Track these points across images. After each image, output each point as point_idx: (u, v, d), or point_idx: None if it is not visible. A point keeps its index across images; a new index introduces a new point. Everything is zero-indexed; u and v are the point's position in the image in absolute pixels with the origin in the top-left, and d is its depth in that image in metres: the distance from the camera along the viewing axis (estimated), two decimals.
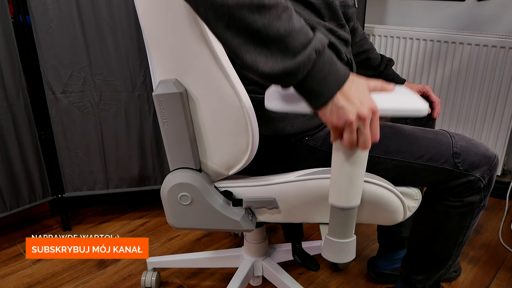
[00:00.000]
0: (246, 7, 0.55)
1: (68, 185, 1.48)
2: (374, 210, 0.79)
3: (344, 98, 0.59)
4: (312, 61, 0.57)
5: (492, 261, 1.35)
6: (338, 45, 0.85)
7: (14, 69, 1.30)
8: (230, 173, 0.82)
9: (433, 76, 1.77)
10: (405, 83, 1.13)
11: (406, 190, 0.82)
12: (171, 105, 0.75)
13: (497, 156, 0.85)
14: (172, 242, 1.47)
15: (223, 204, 0.82)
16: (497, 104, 1.63)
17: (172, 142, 0.80)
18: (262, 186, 0.82)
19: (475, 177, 0.81)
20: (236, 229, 0.84)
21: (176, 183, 0.81)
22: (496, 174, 0.86)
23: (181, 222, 0.86)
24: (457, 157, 0.81)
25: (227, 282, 1.07)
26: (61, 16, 1.29)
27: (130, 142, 1.47)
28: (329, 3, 0.82)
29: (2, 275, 1.31)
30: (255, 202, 0.82)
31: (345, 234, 0.75)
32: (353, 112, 0.59)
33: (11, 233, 1.54)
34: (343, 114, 0.59)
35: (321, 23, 0.82)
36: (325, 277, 1.28)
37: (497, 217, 1.59)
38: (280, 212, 0.83)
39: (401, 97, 0.66)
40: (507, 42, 1.54)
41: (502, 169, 1.72)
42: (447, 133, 0.85)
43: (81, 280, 1.28)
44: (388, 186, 0.78)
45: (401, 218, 0.81)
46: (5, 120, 1.32)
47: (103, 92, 1.39)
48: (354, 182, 0.69)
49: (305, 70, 0.58)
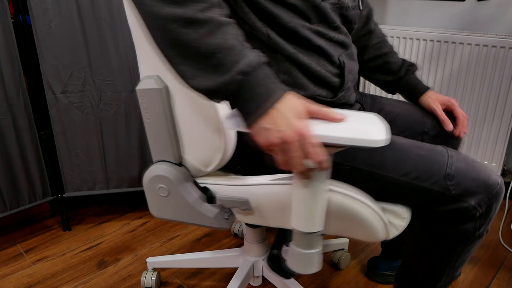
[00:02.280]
0: (177, 21, 0.56)
1: (68, 185, 1.48)
2: (348, 223, 0.76)
3: (270, 121, 0.58)
4: (236, 82, 0.58)
5: (492, 261, 1.35)
6: (327, 48, 0.80)
7: (14, 69, 1.30)
8: (208, 170, 0.83)
9: (433, 76, 1.77)
10: (429, 92, 1.02)
11: (390, 207, 0.78)
12: (152, 100, 0.78)
13: (500, 184, 0.75)
14: (172, 242, 1.47)
15: (198, 200, 0.83)
16: (497, 104, 1.63)
17: (153, 136, 0.83)
18: (237, 186, 0.82)
19: (469, 204, 0.74)
20: (210, 226, 0.85)
21: (155, 175, 0.83)
22: (498, 203, 0.77)
23: (160, 212, 0.89)
24: (449, 179, 0.73)
25: (227, 282, 1.07)
26: (61, 16, 1.29)
27: (130, 142, 1.47)
28: (316, 5, 0.77)
29: (2, 275, 1.31)
30: (228, 201, 0.83)
31: (309, 247, 0.74)
32: (277, 135, 0.58)
33: (11, 233, 1.54)
34: (268, 136, 0.59)
35: (306, 26, 0.77)
36: (325, 277, 1.28)
37: (497, 217, 1.59)
38: (253, 214, 0.83)
39: (354, 125, 0.61)
40: (507, 42, 1.54)
41: (502, 169, 1.72)
42: (447, 151, 0.77)
43: (81, 280, 1.28)
44: (363, 199, 0.74)
45: (382, 235, 0.77)
46: (5, 120, 1.32)
47: (103, 92, 1.39)
48: (313, 210, 0.69)
49: (229, 91, 0.58)
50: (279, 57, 0.78)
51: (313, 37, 0.78)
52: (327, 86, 0.81)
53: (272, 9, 0.74)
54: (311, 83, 0.80)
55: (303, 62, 0.77)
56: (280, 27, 0.75)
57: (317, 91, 0.80)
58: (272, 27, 0.76)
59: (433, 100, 0.99)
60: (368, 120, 0.63)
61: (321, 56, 0.79)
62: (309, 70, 0.78)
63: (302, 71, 0.78)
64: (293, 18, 0.76)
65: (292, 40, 0.77)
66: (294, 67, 0.78)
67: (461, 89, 1.70)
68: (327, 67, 0.80)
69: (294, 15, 0.76)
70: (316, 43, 0.78)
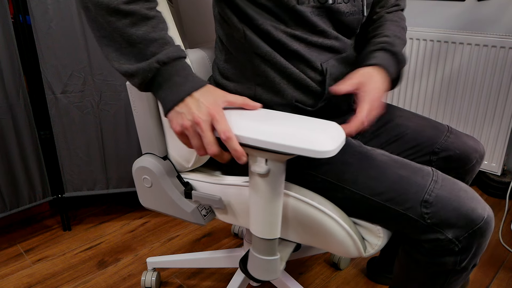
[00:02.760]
0: (104, 9, 0.60)
1: (68, 185, 1.48)
2: (312, 233, 0.75)
3: (183, 106, 0.61)
4: (153, 70, 0.61)
5: (492, 261, 1.35)
6: (306, 53, 0.75)
7: (14, 69, 1.30)
8: (189, 166, 0.85)
9: (433, 76, 1.77)
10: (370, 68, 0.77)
11: (364, 224, 0.75)
12: (138, 95, 0.82)
13: (486, 220, 0.67)
14: (172, 242, 1.47)
15: (178, 194, 0.86)
16: (497, 104, 1.63)
17: (140, 129, 0.87)
18: (213, 184, 0.84)
19: (445, 237, 0.67)
20: (187, 220, 0.88)
21: (140, 166, 0.87)
22: (482, 240, 0.68)
23: (146, 202, 0.93)
24: (426, 206, 0.67)
25: (227, 282, 1.07)
26: (61, 16, 1.29)
27: (130, 142, 1.47)
28: (290, 8, 0.72)
29: (2, 275, 1.31)
30: (202, 198, 0.84)
31: (267, 253, 0.75)
32: (189, 118, 0.61)
33: (11, 233, 1.54)
34: (180, 119, 0.62)
35: (280, 29, 0.74)
36: (325, 277, 1.28)
37: (497, 217, 1.59)
38: (227, 213, 0.85)
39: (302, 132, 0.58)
40: (507, 42, 1.54)
41: (502, 169, 1.72)
42: (432, 174, 0.70)
43: (81, 280, 1.28)
44: (323, 208, 0.72)
45: (354, 252, 0.74)
46: (5, 120, 1.32)
47: (103, 92, 1.39)
48: (267, 216, 0.69)
49: (147, 77, 0.62)
50: (255, 58, 0.76)
51: (288, 40, 0.74)
52: (308, 92, 0.77)
53: (246, 9, 0.73)
54: (290, 87, 0.77)
55: (280, 63, 0.75)
56: (255, 28, 0.74)
57: (296, 96, 0.77)
58: (248, 26, 0.75)
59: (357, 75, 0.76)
60: (321, 128, 0.60)
61: (300, 61, 0.76)
62: (286, 72, 0.75)
63: (280, 73, 0.76)
64: (266, 19, 0.73)
65: (267, 41, 0.75)
66: (271, 68, 0.76)
67: (461, 89, 1.70)
68: (308, 73, 0.77)
69: (268, 16, 0.74)
70: (293, 47, 0.74)
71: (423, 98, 1.82)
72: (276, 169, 0.65)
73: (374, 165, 0.72)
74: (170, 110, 0.63)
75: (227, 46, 0.81)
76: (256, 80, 0.78)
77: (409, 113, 0.95)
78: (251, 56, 0.76)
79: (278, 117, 0.65)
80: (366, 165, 0.72)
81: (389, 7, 0.91)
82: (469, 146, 0.87)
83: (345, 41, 0.81)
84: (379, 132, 0.92)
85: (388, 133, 0.91)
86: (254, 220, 0.72)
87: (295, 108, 0.78)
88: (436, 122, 0.92)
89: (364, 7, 0.82)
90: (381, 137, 0.92)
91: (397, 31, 0.85)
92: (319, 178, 0.75)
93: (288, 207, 0.75)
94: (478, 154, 0.88)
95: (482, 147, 0.90)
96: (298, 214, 0.75)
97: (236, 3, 0.74)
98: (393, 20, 0.87)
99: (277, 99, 0.78)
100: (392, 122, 0.92)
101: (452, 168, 0.87)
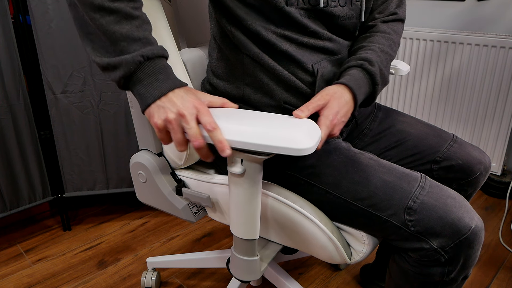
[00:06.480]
0: (88, 5, 0.60)
1: (68, 185, 1.48)
2: (293, 235, 0.75)
3: (166, 101, 0.61)
4: (136, 62, 0.60)
5: (492, 261, 1.35)
6: (296, 54, 0.74)
7: (14, 69, 1.30)
8: (181, 163, 0.85)
9: (433, 76, 1.77)
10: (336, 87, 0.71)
11: (348, 229, 0.74)
12: None
13: (473, 230, 0.63)
14: (172, 242, 1.47)
15: (170, 190, 0.87)
16: (497, 104, 1.63)
17: (137, 125, 0.88)
18: (203, 182, 0.84)
19: (430, 246, 0.64)
20: (178, 216, 0.88)
21: (136, 161, 0.88)
22: (471, 251, 0.65)
23: (142, 197, 0.94)
24: (409, 213, 0.65)
25: (227, 282, 1.07)
26: (61, 16, 1.29)
27: (130, 142, 1.47)
28: (279, 8, 0.71)
29: (2, 275, 1.31)
30: (191, 196, 0.85)
31: (247, 253, 0.76)
32: (173, 110, 0.60)
33: (11, 233, 1.54)
34: (163, 113, 0.61)
35: (270, 29, 0.73)
36: (325, 277, 1.28)
37: (497, 217, 1.59)
38: (215, 211, 0.86)
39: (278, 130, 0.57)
40: (507, 42, 1.54)
41: (502, 169, 1.72)
42: (420, 180, 0.68)
43: (81, 280, 1.28)
44: (301, 210, 0.72)
45: (337, 258, 0.72)
46: (5, 120, 1.32)
47: (103, 92, 1.39)
48: (245, 216, 0.70)
49: (128, 69, 0.61)
50: (245, 58, 0.76)
51: (278, 41, 0.73)
52: (297, 93, 0.76)
53: (236, 9, 0.73)
54: (279, 88, 0.76)
55: (268, 64, 0.74)
56: (244, 28, 0.74)
57: (285, 98, 0.76)
58: (237, 26, 0.74)
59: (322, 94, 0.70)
60: (298, 125, 0.59)
61: (291, 62, 0.75)
62: (275, 73, 0.74)
63: (269, 74, 0.75)
64: (255, 20, 0.73)
65: (257, 42, 0.74)
66: (260, 70, 0.75)
67: (461, 89, 1.70)
68: (298, 74, 0.75)
69: (257, 17, 0.73)
70: (282, 47, 0.73)
71: (423, 98, 1.82)
72: (252, 169, 0.65)
73: (359, 169, 0.70)
74: (150, 104, 0.62)
75: (220, 43, 0.80)
76: (245, 79, 0.77)
77: (412, 120, 0.92)
78: (241, 57, 0.76)
79: (252, 116, 0.64)
80: (351, 169, 0.70)
81: (386, 15, 0.87)
82: (473, 157, 0.84)
83: (340, 43, 0.79)
84: (379, 137, 0.91)
85: (389, 139, 0.90)
86: (233, 220, 0.72)
87: (284, 109, 0.77)
88: (441, 130, 0.89)
89: (362, 12, 0.80)
90: (380, 142, 0.90)
91: (386, 45, 0.80)
92: (302, 181, 0.75)
93: (268, 209, 0.75)
94: (482, 166, 0.84)
95: (488, 159, 0.86)
96: (279, 216, 0.75)
97: (226, 3, 0.74)
98: (385, 32, 0.83)
99: (266, 100, 0.77)
100: (394, 127, 0.90)
101: (454, 179, 0.85)
